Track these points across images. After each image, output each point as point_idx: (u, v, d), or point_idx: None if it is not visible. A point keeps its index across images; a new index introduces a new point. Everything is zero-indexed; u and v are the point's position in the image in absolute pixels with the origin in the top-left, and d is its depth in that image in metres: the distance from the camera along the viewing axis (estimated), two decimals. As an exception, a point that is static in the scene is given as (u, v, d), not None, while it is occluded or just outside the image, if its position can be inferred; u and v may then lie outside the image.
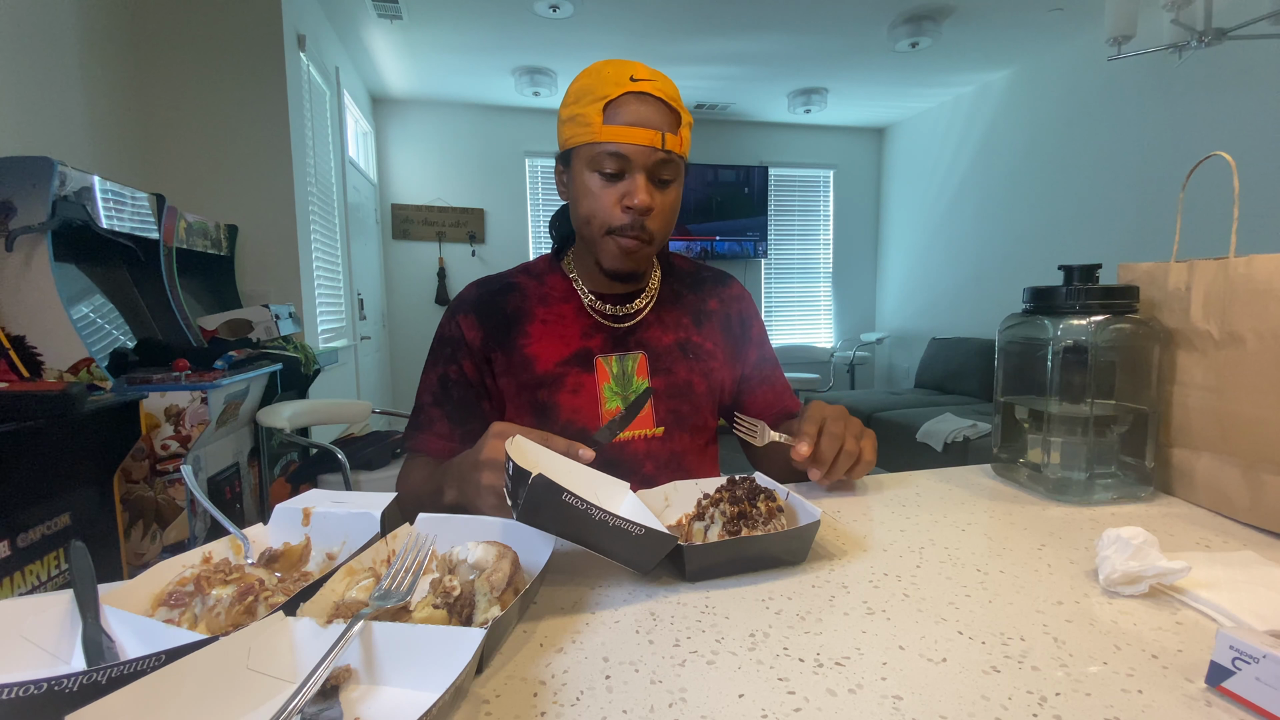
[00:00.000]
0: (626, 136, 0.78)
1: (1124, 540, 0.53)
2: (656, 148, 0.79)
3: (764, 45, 3.80)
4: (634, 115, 0.78)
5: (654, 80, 0.80)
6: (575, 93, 0.81)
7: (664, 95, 0.80)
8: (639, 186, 0.79)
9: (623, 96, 0.78)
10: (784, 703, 0.39)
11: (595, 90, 0.79)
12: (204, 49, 2.58)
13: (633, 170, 0.80)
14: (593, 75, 0.80)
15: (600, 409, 0.87)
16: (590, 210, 0.82)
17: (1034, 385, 0.82)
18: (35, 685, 0.32)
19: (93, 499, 1.34)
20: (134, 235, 1.86)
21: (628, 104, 0.78)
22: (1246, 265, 0.68)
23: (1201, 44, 2.16)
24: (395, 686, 0.40)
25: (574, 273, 0.93)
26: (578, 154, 0.82)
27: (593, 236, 0.84)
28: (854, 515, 0.73)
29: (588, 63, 0.92)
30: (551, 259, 0.96)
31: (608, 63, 0.81)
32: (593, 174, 0.81)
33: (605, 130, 0.78)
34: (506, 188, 4.92)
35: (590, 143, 0.79)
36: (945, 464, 1.92)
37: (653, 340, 0.92)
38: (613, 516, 0.51)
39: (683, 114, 0.81)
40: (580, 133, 0.80)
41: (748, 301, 1.03)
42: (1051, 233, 3.97)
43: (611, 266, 0.86)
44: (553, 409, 0.86)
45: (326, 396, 2.80)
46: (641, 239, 0.82)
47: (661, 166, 0.80)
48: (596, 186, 0.81)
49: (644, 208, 0.80)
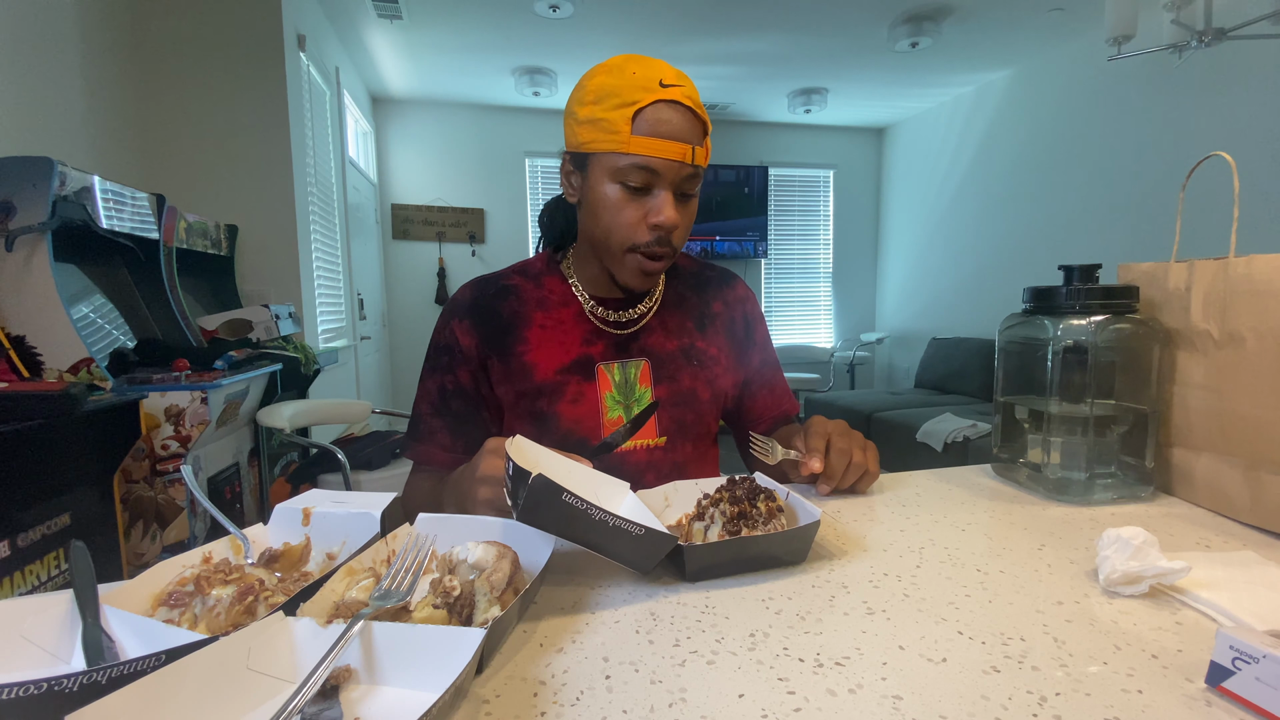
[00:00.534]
0: (658, 150, 0.73)
1: (1124, 540, 0.53)
2: (687, 162, 0.74)
3: (764, 45, 3.80)
4: (665, 126, 0.73)
5: (682, 86, 0.75)
6: (596, 91, 0.75)
7: (692, 103, 0.75)
8: (667, 203, 0.75)
9: (653, 104, 0.73)
10: (784, 703, 0.39)
11: (622, 94, 0.73)
12: (204, 49, 2.58)
13: (661, 185, 0.75)
14: (617, 75, 0.74)
15: (602, 419, 0.85)
16: (612, 224, 0.78)
17: (1034, 385, 0.82)
18: (35, 685, 0.32)
19: (93, 499, 1.34)
20: (134, 235, 1.86)
21: (658, 113, 0.73)
22: (1246, 265, 0.68)
23: (1201, 44, 2.16)
24: (395, 686, 0.40)
25: (574, 277, 0.89)
26: (598, 161, 0.76)
27: (611, 251, 0.80)
28: (854, 515, 0.73)
29: (588, 63, 0.90)
30: (549, 259, 0.92)
31: (631, 59, 0.76)
32: (615, 185, 0.76)
33: (634, 141, 0.73)
34: (506, 188, 4.92)
35: (616, 152, 0.74)
36: (945, 464, 1.92)
37: (656, 347, 0.88)
38: (613, 516, 0.51)
39: (707, 122, 0.77)
40: (603, 139, 0.74)
41: (752, 303, 1.00)
42: (1051, 233, 3.97)
43: (630, 284, 0.82)
44: (552, 419, 0.84)
45: (326, 396, 2.80)
46: (665, 256, 0.79)
47: (688, 181, 0.77)
48: (620, 200, 0.76)
49: (672, 225, 0.76)
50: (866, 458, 0.78)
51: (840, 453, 0.77)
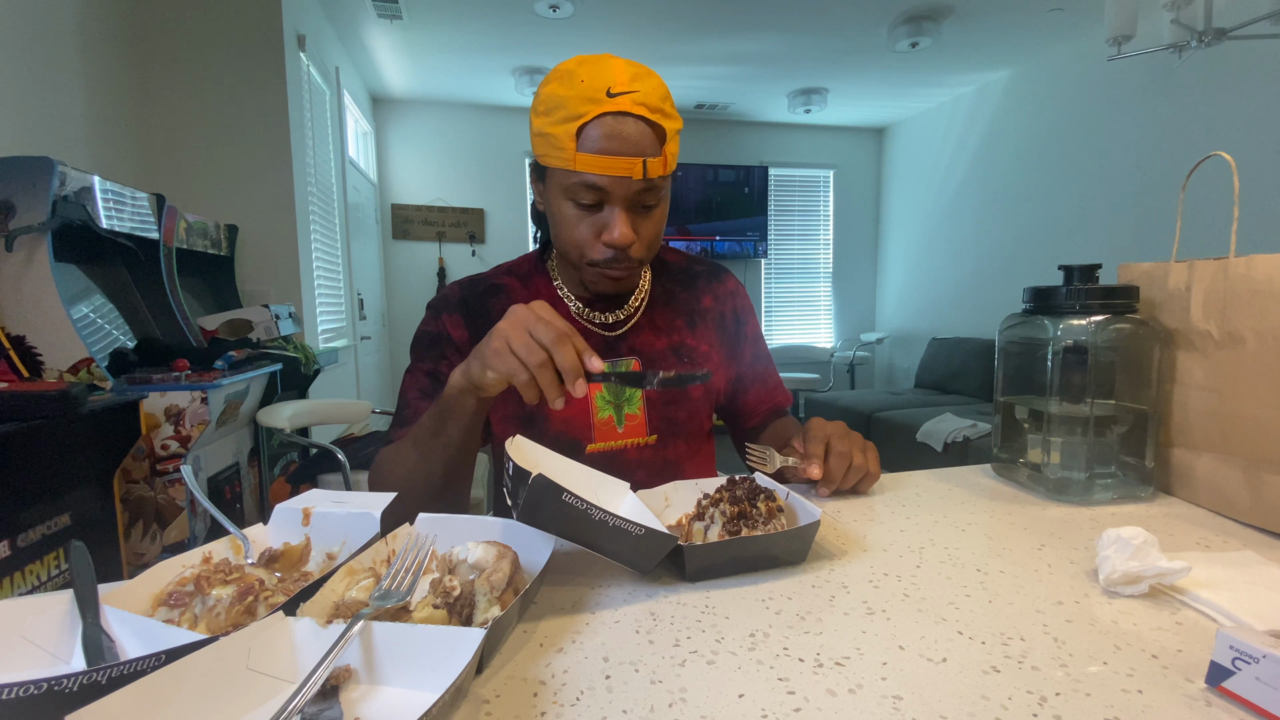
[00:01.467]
0: (603, 168, 0.70)
1: (1124, 540, 0.53)
2: (636, 176, 0.71)
3: (764, 45, 3.80)
4: (610, 142, 0.70)
5: (633, 91, 0.70)
6: (547, 102, 0.72)
7: (645, 110, 0.71)
8: (619, 221, 0.73)
9: (598, 118, 0.70)
10: (784, 703, 0.39)
11: (568, 106, 0.70)
12: (204, 49, 2.58)
13: (611, 201, 0.73)
14: (566, 84, 0.71)
15: (592, 419, 0.84)
16: (567, 240, 0.77)
17: (1034, 385, 0.82)
18: (35, 685, 0.32)
19: (93, 499, 1.34)
20: (134, 235, 1.86)
21: (603, 127, 0.70)
22: (1246, 265, 0.68)
23: (1201, 44, 2.16)
24: (395, 686, 0.40)
25: (558, 280, 0.89)
26: (551, 175, 0.75)
27: (573, 262, 0.80)
28: (854, 515, 0.73)
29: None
30: (537, 260, 0.91)
31: (585, 61, 0.72)
32: (567, 202, 0.75)
33: (579, 159, 0.70)
34: (506, 188, 4.92)
35: (564, 169, 0.72)
36: (945, 464, 1.92)
37: (645, 345, 0.88)
38: (612, 516, 0.51)
39: (667, 124, 0.73)
40: (552, 155, 0.73)
41: (742, 296, 0.99)
42: (1051, 233, 3.97)
43: (598, 292, 0.83)
44: (541, 420, 0.83)
45: (326, 396, 2.80)
46: (626, 268, 0.78)
47: (644, 194, 0.74)
48: (575, 216, 0.75)
49: (625, 244, 0.74)
50: (867, 459, 0.78)
51: (840, 456, 0.76)
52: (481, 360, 0.62)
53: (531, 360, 0.58)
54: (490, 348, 0.60)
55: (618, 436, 0.85)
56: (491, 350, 0.60)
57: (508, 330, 0.60)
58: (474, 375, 0.63)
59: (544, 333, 0.59)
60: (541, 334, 0.59)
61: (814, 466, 0.75)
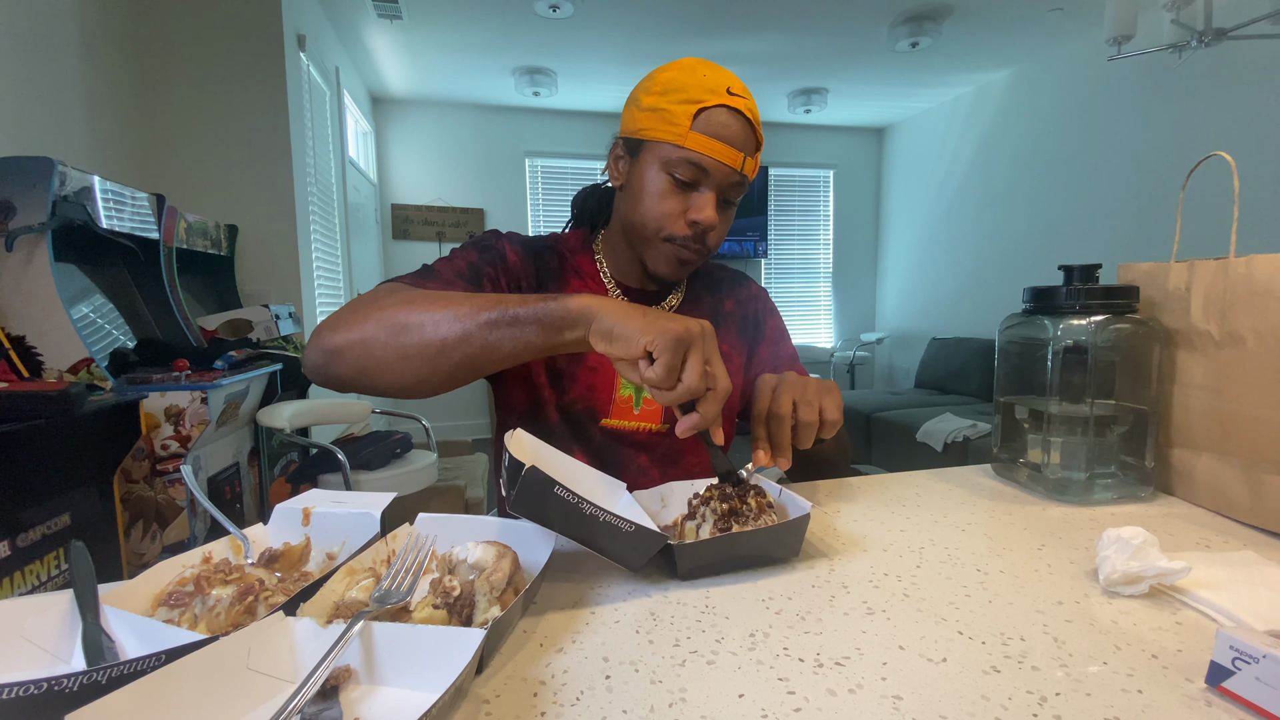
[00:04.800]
0: (712, 150, 0.75)
1: (1124, 540, 0.53)
2: (736, 168, 0.76)
3: (764, 45, 3.80)
4: (724, 130, 0.75)
5: (746, 98, 0.77)
6: (664, 84, 0.77)
7: (753, 116, 0.77)
8: (709, 203, 0.77)
9: (717, 107, 0.75)
10: (784, 703, 0.39)
11: (689, 91, 0.75)
12: (204, 49, 2.58)
13: (707, 184, 0.77)
14: (686, 72, 0.77)
15: (614, 393, 0.86)
16: (651, 211, 0.79)
17: (1034, 385, 0.82)
18: (35, 685, 0.32)
19: (93, 499, 1.34)
20: (134, 235, 1.86)
21: (720, 116, 0.75)
22: (1246, 265, 0.68)
23: (1201, 44, 2.16)
24: (395, 686, 0.40)
25: (603, 264, 0.90)
26: (651, 149, 0.78)
27: (646, 237, 0.81)
28: (854, 515, 0.73)
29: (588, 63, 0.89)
30: (584, 239, 0.93)
31: (702, 63, 0.78)
32: (664, 175, 0.78)
33: (692, 137, 0.75)
34: (506, 188, 4.92)
35: (672, 143, 0.76)
36: (945, 464, 1.92)
37: None
38: (603, 512, 0.51)
39: (760, 139, 0.79)
40: (662, 129, 0.76)
41: (764, 300, 1.02)
42: (1051, 233, 3.97)
43: (660, 271, 0.83)
44: (568, 379, 0.85)
45: (326, 396, 2.80)
46: (699, 253, 0.81)
47: (733, 188, 0.79)
48: (666, 190, 0.78)
49: (710, 224, 0.78)
50: (822, 406, 0.69)
51: (778, 420, 0.68)
52: (641, 325, 0.55)
53: (691, 380, 0.55)
54: (667, 328, 0.54)
55: (632, 417, 0.86)
56: (666, 333, 0.54)
57: (698, 337, 0.56)
58: (604, 322, 0.56)
59: (720, 372, 0.58)
60: (717, 371, 0.58)
61: (759, 451, 0.69)
